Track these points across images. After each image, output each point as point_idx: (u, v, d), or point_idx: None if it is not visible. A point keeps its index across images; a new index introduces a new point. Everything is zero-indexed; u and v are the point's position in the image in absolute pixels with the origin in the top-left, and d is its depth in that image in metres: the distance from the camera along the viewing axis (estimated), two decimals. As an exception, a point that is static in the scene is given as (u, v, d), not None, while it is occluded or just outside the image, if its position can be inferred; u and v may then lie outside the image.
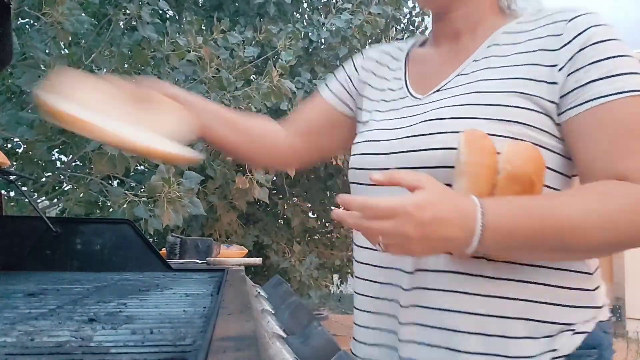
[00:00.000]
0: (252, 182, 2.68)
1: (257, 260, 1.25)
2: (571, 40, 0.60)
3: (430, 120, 0.65)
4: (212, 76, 2.46)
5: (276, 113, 3.11)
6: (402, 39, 4.64)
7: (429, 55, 0.77)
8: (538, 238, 0.55)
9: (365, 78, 0.83)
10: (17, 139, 2.25)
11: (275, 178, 3.27)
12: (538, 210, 0.54)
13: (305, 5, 4.05)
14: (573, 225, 0.54)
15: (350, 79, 0.85)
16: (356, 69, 0.85)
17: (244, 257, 1.25)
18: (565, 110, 0.60)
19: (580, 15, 0.62)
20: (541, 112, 0.61)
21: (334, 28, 3.47)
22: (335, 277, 4.65)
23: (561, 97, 0.60)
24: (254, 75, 3.00)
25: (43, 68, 1.92)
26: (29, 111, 2.07)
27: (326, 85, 0.89)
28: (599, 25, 0.60)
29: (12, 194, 2.27)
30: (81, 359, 0.41)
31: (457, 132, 0.59)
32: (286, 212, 3.80)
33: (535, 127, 0.60)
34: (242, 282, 0.85)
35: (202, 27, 2.94)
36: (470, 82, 0.65)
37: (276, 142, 0.86)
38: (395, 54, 0.82)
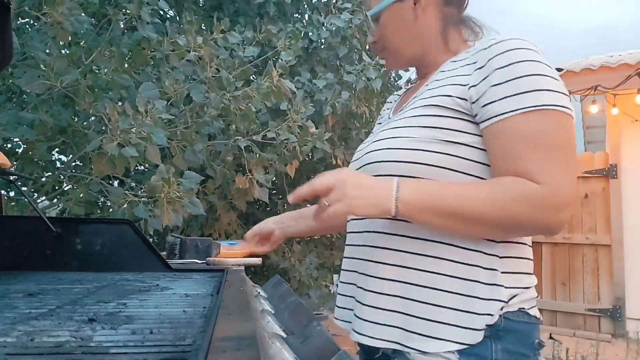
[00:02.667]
0: (252, 182, 2.68)
1: (257, 261, 1.25)
2: (482, 66, 0.74)
3: (379, 140, 0.83)
4: (212, 76, 2.46)
5: (276, 113, 3.11)
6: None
7: (413, 88, 0.97)
8: (438, 209, 0.70)
9: (380, 118, 1.05)
10: (17, 139, 2.25)
11: (275, 178, 3.27)
12: (442, 190, 0.71)
13: (305, 5, 4.05)
14: (469, 201, 0.69)
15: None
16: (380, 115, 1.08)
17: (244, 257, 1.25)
18: (481, 122, 0.74)
19: (495, 43, 0.74)
20: (456, 118, 0.75)
21: (334, 28, 3.47)
22: (335, 277, 4.64)
23: (476, 113, 0.74)
24: (253, 75, 3.00)
25: (43, 68, 1.92)
26: (29, 111, 2.07)
27: None
28: (506, 51, 0.72)
29: (12, 194, 2.27)
30: (81, 359, 0.41)
31: (390, 149, 0.78)
32: (286, 212, 3.79)
33: (447, 129, 0.75)
34: (242, 282, 0.85)
35: (202, 27, 2.94)
36: (414, 102, 0.83)
37: None
38: (403, 91, 1.04)
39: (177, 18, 3.70)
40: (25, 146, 2.22)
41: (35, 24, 2.15)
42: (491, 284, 0.72)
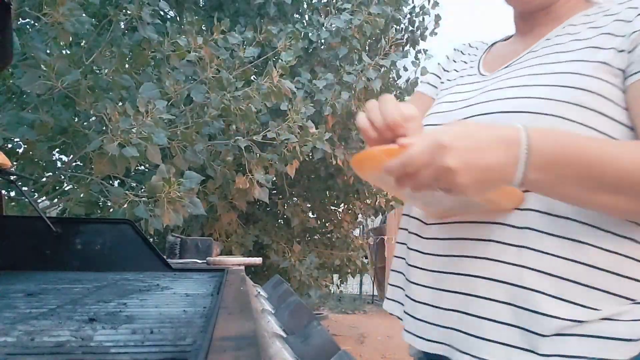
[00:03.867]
0: (252, 182, 2.68)
1: (257, 260, 1.25)
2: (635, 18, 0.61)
3: (488, 91, 0.68)
4: (212, 76, 2.46)
5: (276, 113, 3.11)
6: (401, 39, 4.65)
7: (507, 44, 0.80)
8: (582, 165, 0.52)
9: (447, 66, 0.88)
10: (18, 139, 2.25)
11: (275, 178, 3.27)
12: (581, 141, 0.53)
13: (305, 5, 4.05)
14: (612, 158, 0.52)
15: (444, 70, 0.89)
16: (447, 57, 0.91)
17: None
18: (629, 76, 0.59)
19: None
20: (603, 80, 0.60)
21: (333, 28, 3.47)
22: (335, 276, 4.65)
23: (628, 65, 0.60)
24: (254, 76, 3.00)
25: (44, 68, 1.92)
26: (30, 111, 2.07)
27: (422, 81, 0.93)
28: None
29: (12, 194, 2.27)
30: (81, 358, 0.42)
31: (512, 99, 0.62)
32: (286, 212, 3.80)
33: (593, 93, 0.59)
34: (242, 282, 0.85)
35: (203, 28, 2.94)
36: (539, 57, 0.67)
37: None
38: (480, 46, 0.87)
39: (178, 19, 3.70)
40: (25, 146, 2.22)
41: (36, 24, 2.15)
42: None
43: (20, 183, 2.09)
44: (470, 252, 0.63)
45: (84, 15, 2.02)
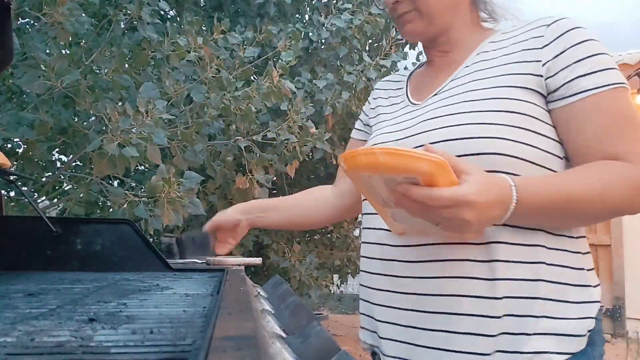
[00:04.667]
0: (252, 182, 2.68)
1: (257, 260, 1.25)
2: (552, 41, 0.68)
3: (427, 120, 0.72)
4: (212, 76, 2.46)
5: (276, 113, 3.11)
6: (402, 39, 4.65)
7: (425, 72, 0.87)
8: (556, 208, 0.62)
9: (375, 105, 0.93)
10: (18, 139, 2.25)
11: (275, 178, 3.27)
12: (559, 187, 0.62)
13: (305, 5, 4.05)
14: (581, 198, 0.61)
15: (366, 113, 0.97)
16: (369, 102, 0.97)
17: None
18: (556, 101, 0.67)
19: (558, 20, 0.70)
20: (529, 102, 0.67)
21: (334, 28, 3.47)
22: (335, 277, 4.65)
23: (550, 92, 0.68)
24: (254, 76, 3.00)
25: (43, 68, 1.92)
26: (30, 111, 2.07)
27: (355, 128, 1.00)
28: (576, 28, 0.68)
29: (12, 194, 2.27)
30: (81, 358, 0.41)
31: (454, 126, 0.67)
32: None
33: (525, 114, 0.66)
34: (242, 282, 0.85)
35: (203, 28, 2.94)
36: (464, 84, 0.73)
37: (321, 209, 1.01)
38: (399, 79, 0.93)
39: (178, 18, 3.70)
40: (25, 146, 2.22)
41: (36, 24, 2.15)
42: (582, 285, 0.67)
43: (20, 183, 2.09)
44: (448, 273, 0.68)
45: (83, 15, 2.02)
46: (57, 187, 2.56)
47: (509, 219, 0.61)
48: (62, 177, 2.54)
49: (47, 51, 2.04)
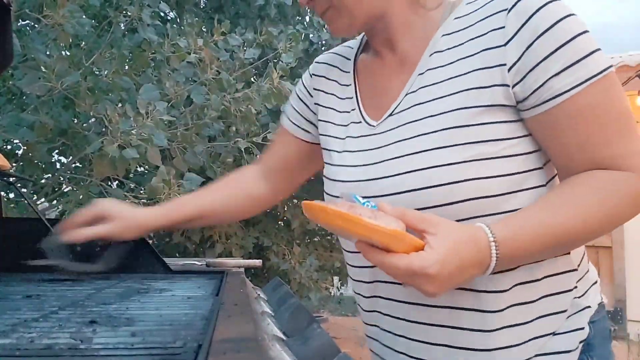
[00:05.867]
0: (252, 184, 2.68)
1: (257, 262, 1.25)
2: (516, 33, 0.56)
3: (391, 159, 0.63)
4: (213, 78, 2.46)
5: (276, 115, 3.11)
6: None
7: (375, 65, 0.73)
8: (546, 247, 0.56)
9: (317, 99, 0.80)
10: (17, 141, 2.25)
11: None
12: (548, 225, 0.55)
13: (305, 7, 4.05)
14: (577, 231, 0.55)
15: (306, 104, 0.83)
16: (308, 92, 0.82)
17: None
18: (527, 110, 0.57)
19: (519, 0, 0.56)
20: (498, 122, 0.58)
21: (334, 30, 3.47)
22: (335, 279, 4.64)
23: (519, 101, 0.57)
24: (254, 77, 3.01)
25: (44, 70, 1.92)
26: (30, 113, 2.07)
27: (286, 115, 0.87)
28: (542, 6, 0.55)
29: (12, 195, 2.27)
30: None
31: (417, 171, 0.59)
32: (286, 213, 3.80)
33: (496, 140, 0.57)
34: (242, 284, 0.85)
35: (203, 29, 2.95)
36: (421, 104, 0.63)
37: (247, 200, 0.90)
38: (343, 64, 0.78)
39: (178, 20, 3.70)
40: (25, 148, 2.22)
41: (36, 26, 2.15)
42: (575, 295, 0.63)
43: (19, 185, 2.09)
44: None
45: (84, 17, 2.02)
46: (56, 189, 2.56)
47: None
48: (62, 179, 2.53)
49: (48, 53, 2.04)
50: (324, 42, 3.57)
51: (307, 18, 4.04)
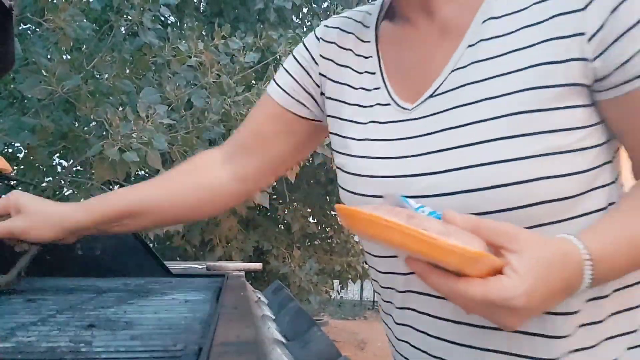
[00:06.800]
0: (252, 187, 2.68)
1: (258, 266, 1.25)
2: None
3: (435, 152, 0.50)
4: (213, 81, 2.47)
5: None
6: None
7: (405, 35, 0.58)
8: (637, 265, 0.46)
9: (325, 70, 0.63)
10: (19, 144, 2.25)
11: (275, 183, 3.27)
12: (624, 243, 0.44)
13: (305, 11, 4.07)
14: None
15: (308, 73, 0.65)
16: (313, 58, 0.65)
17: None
18: (610, 89, 0.46)
19: None
20: (573, 106, 0.46)
21: (334, 34, 3.49)
22: (335, 282, 4.64)
23: (600, 78, 0.46)
24: (254, 81, 3.01)
25: (45, 73, 1.93)
26: (31, 116, 2.07)
27: (276, 82, 0.68)
28: None
29: (12, 199, 2.27)
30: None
31: (476, 166, 0.46)
32: (286, 217, 3.80)
33: (568, 129, 0.46)
34: (242, 288, 0.85)
35: (203, 33, 2.96)
36: (473, 82, 0.49)
37: (204, 192, 0.71)
38: (360, 32, 0.62)
39: (179, 24, 3.72)
40: (26, 151, 2.23)
41: (37, 29, 2.16)
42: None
43: (20, 188, 2.09)
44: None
45: (85, 20, 2.03)
46: (57, 192, 2.56)
47: None
48: (63, 182, 2.54)
49: (49, 56, 2.05)
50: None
51: (307, 22, 4.06)
